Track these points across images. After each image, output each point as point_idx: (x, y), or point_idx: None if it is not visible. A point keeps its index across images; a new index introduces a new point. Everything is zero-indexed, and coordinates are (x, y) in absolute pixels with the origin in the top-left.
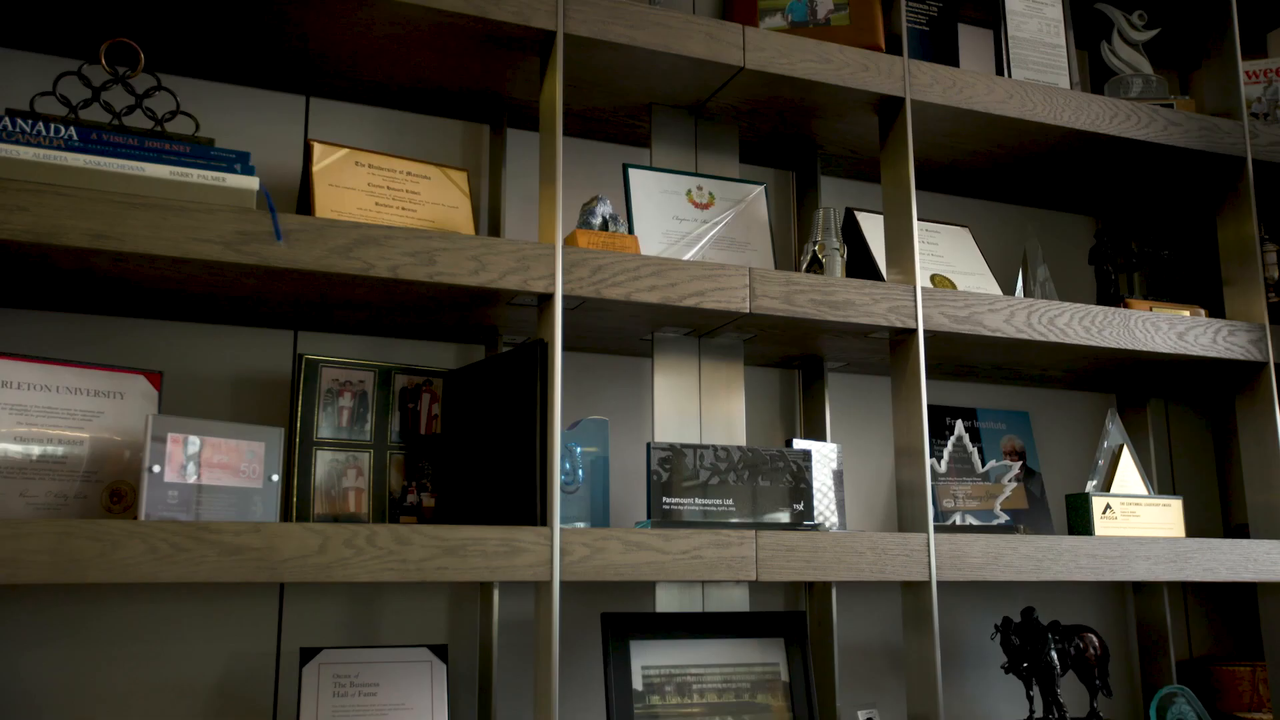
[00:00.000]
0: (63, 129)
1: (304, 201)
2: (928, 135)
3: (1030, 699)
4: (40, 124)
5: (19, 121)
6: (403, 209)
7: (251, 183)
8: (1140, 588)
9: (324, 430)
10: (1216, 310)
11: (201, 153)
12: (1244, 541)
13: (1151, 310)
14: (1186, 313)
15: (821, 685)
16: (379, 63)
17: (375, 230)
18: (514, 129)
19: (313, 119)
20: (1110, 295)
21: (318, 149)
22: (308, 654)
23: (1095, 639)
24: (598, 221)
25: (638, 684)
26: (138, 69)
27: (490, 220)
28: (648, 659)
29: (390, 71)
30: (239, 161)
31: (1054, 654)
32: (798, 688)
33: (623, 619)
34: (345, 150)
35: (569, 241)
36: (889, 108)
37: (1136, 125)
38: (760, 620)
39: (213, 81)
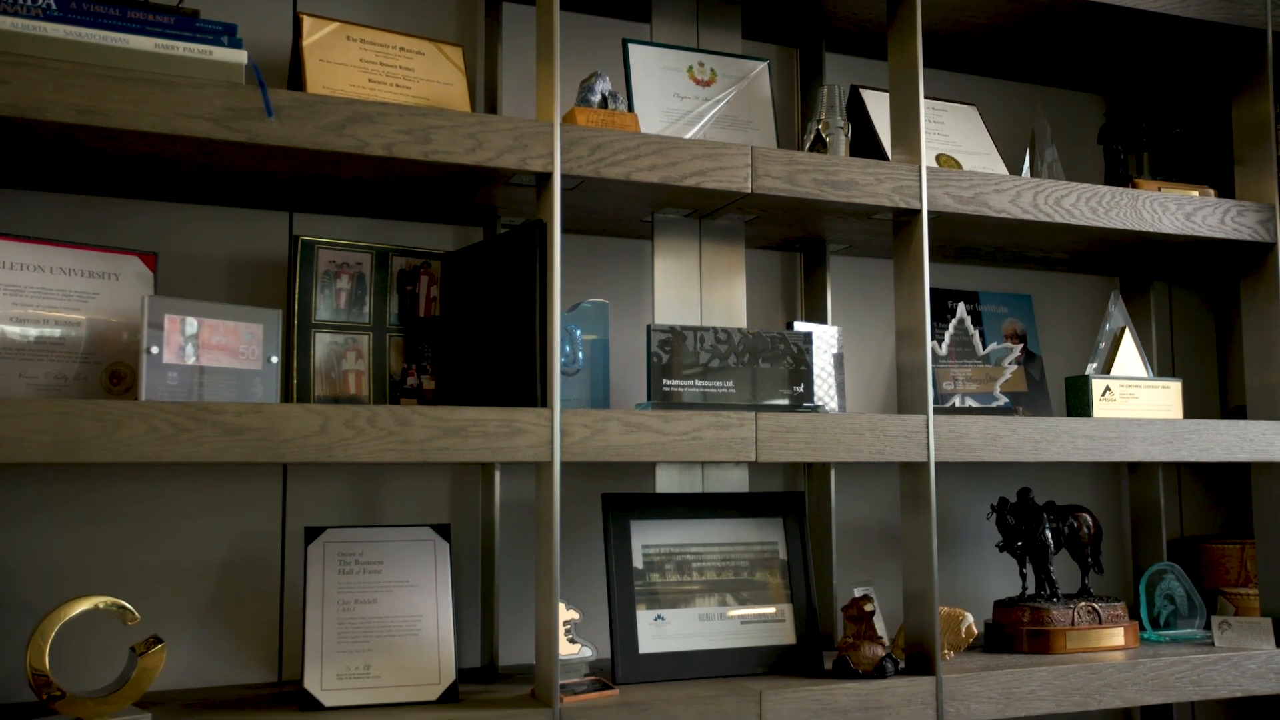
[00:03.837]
0: None
1: (294, 77)
2: (937, 7)
3: (1023, 576)
4: None
5: None
6: (396, 86)
7: (240, 56)
8: (1135, 469)
9: (322, 312)
10: (1226, 191)
11: (186, 24)
12: (1240, 422)
13: (1160, 190)
14: (1195, 193)
15: (819, 563)
16: None
17: (369, 107)
18: (509, 3)
19: None
20: (1119, 175)
21: (307, 22)
22: (312, 533)
23: (1089, 518)
24: (596, 99)
25: (638, 562)
26: None
27: (486, 98)
28: (648, 538)
29: None
30: (226, 34)
31: (1048, 533)
32: (795, 566)
33: (623, 499)
34: (336, 24)
35: (567, 119)
36: None
37: None
38: (759, 500)
39: None
